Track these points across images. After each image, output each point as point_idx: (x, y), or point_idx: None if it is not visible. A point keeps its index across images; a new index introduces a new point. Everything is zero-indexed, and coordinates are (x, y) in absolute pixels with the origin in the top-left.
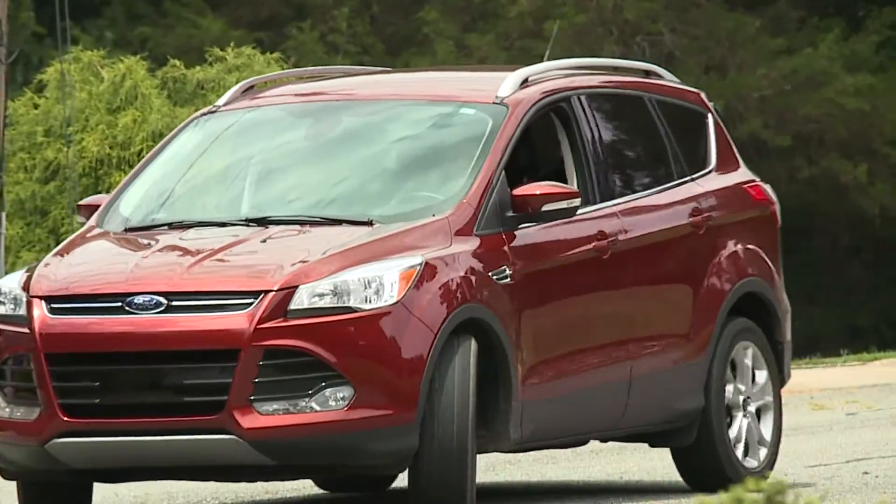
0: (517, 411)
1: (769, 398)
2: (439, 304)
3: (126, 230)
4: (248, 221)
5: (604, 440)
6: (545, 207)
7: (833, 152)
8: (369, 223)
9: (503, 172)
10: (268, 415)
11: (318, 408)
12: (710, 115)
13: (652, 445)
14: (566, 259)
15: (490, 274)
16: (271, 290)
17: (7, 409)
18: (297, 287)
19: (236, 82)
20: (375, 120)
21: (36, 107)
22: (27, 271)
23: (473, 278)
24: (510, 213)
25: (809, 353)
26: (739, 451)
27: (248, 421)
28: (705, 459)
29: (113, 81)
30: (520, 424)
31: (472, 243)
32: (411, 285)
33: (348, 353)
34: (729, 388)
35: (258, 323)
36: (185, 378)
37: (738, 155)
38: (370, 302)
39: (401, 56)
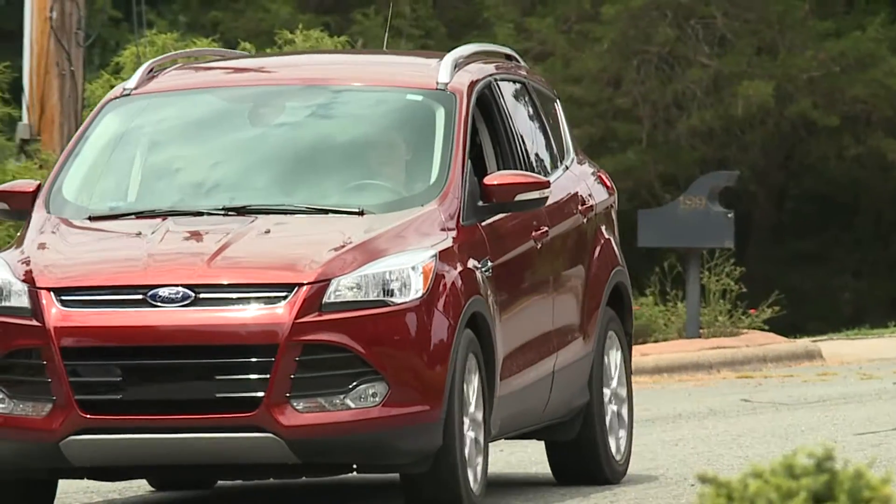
0: (495, 407)
1: (624, 390)
2: (454, 298)
3: (91, 218)
4: (227, 211)
5: (524, 436)
6: (518, 197)
7: (879, 131)
8: (360, 213)
9: (469, 161)
10: (304, 412)
11: (353, 405)
12: (557, 102)
13: (538, 439)
14: (519, 251)
15: (479, 266)
16: (305, 283)
17: (5, 405)
18: (330, 280)
19: None
20: (322, 105)
21: (112, 88)
22: (10, 260)
23: (471, 271)
24: (481, 203)
25: (857, 325)
26: (613, 446)
27: (286, 419)
28: (584, 455)
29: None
30: (495, 421)
31: (462, 234)
32: (431, 279)
33: (384, 348)
34: (605, 381)
35: (296, 317)
36: (217, 374)
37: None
38: (399, 295)
39: (462, 40)
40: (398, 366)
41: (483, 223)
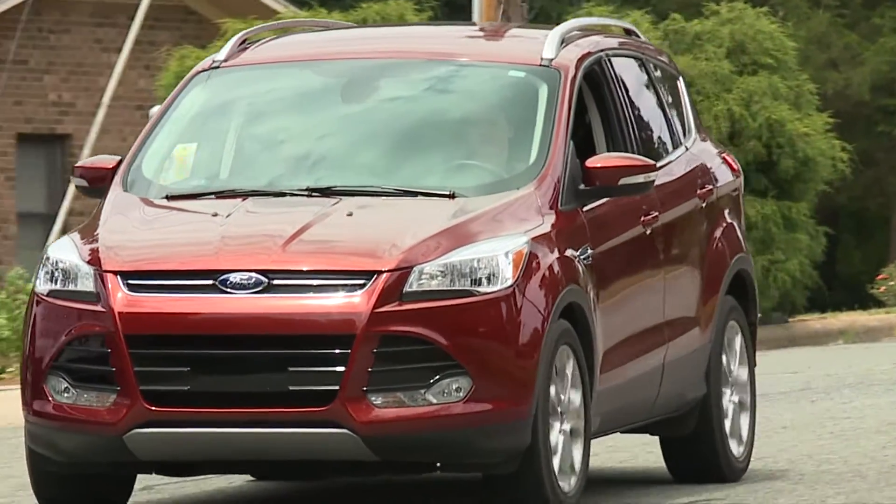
0: (595, 402)
1: (747, 384)
2: (547, 288)
3: (168, 198)
4: (311, 192)
5: (633, 431)
6: (622, 181)
7: None
8: (451, 196)
9: (572, 143)
10: (383, 407)
11: (434, 400)
12: (681, 79)
13: (652, 434)
14: (626, 237)
15: (577, 253)
16: (384, 271)
17: (69, 395)
18: (412, 267)
19: (729, 36)
20: (418, 81)
21: None
22: (80, 241)
23: (568, 259)
24: (583, 187)
25: None
26: (733, 442)
27: (362, 414)
28: (702, 451)
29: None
30: (595, 416)
31: (560, 220)
32: (522, 267)
33: (467, 340)
34: (723, 372)
35: (374, 306)
36: (290, 365)
37: (700, 122)
38: (486, 285)
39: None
40: (483, 359)
41: (585, 208)
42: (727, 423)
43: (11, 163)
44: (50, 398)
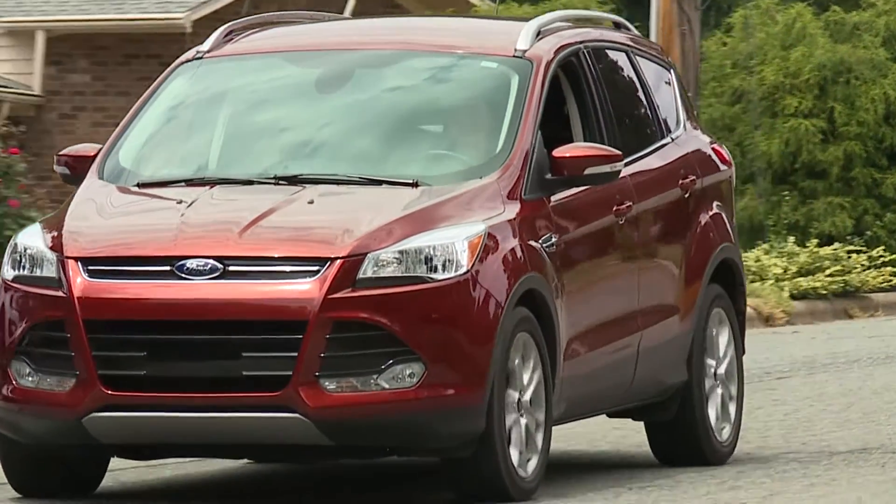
0: (558, 388)
1: (734, 370)
2: (504, 275)
3: (140, 185)
4: (278, 180)
5: (616, 415)
6: (588, 171)
7: None
8: (414, 184)
9: (539, 133)
10: (335, 392)
11: (387, 386)
12: (672, 71)
13: (635, 419)
14: (595, 226)
15: (540, 242)
16: (338, 258)
17: (32, 379)
18: (365, 254)
19: (885, 26)
20: (391, 71)
21: (724, 44)
22: (47, 228)
23: (529, 247)
24: (549, 177)
25: None
26: (713, 425)
27: (314, 399)
28: (683, 434)
29: (786, 24)
30: (559, 402)
31: (522, 209)
32: (478, 254)
33: (420, 326)
34: (706, 359)
35: (327, 293)
36: (244, 351)
37: (693, 114)
38: (440, 271)
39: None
40: (436, 345)
41: (552, 197)
42: (712, 409)
43: None
44: (14, 382)
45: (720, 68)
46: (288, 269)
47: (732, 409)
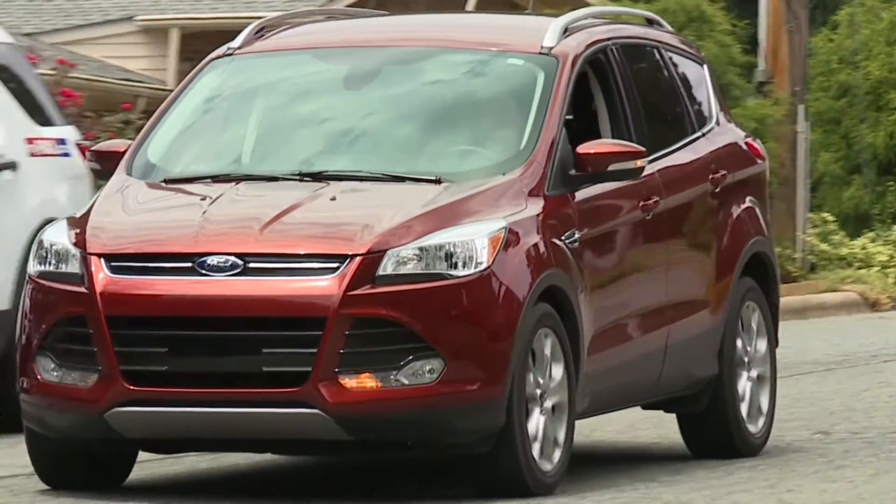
0: (581, 383)
1: (767, 362)
2: (525, 271)
3: (166, 181)
4: (303, 176)
5: (648, 407)
6: (611, 167)
7: None
8: (437, 181)
9: (564, 129)
10: (354, 388)
11: (406, 382)
12: (705, 67)
13: (666, 411)
14: (621, 222)
15: (562, 238)
16: (358, 255)
17: (56, 374)
18: (385, 251)
19: None
20: (418, 68)
21: (831, 41)
22: (72, 225)
23: (550, 243)
24: (573, 173)
25: None
26: (744, 418)
27: (333, 395)
28: (715, 428)
29: (890, 20)
30: (582, 396)
31: (546, 205)
32: (499, 250)
33: (440, 323)
34: (737, 352)
35: (346, 289)
36: (264, 347)
37: (727, 109)
38: (459, 268)
39: None
40: (455, 341)
41: (576, 193)
42: (744, 401)
43: None
44: (39, 377)
45: (826, 64)
46: (308, 265)
47: (765, 400)
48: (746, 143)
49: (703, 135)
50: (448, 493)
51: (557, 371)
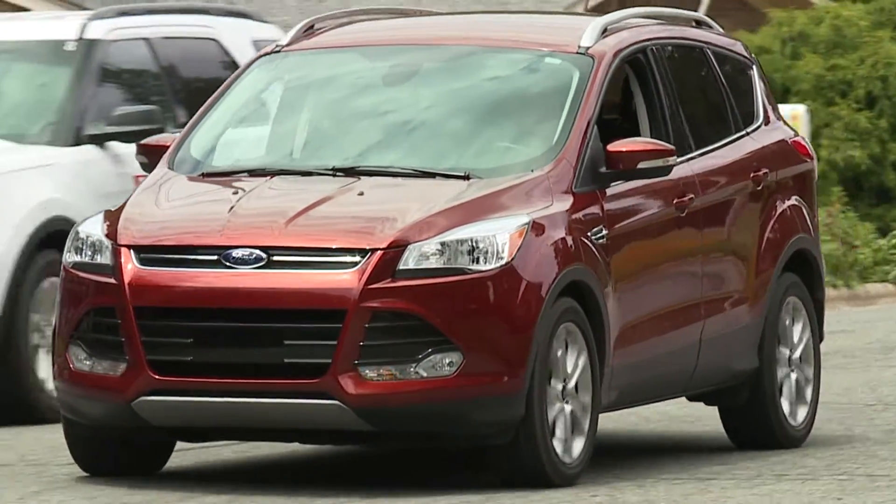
0: (608, 377)
1: (810, 356)
2: (547, 266)
3: (203, 175)
4: (336, 171)
5: (692, 399)
6: (641, 165)
7: None
8: (466, 177)
9: (595, 127)
10: (373, 381)
11: (425, 374)
12: (754, 67)
13: (707, 404)
14: (652, 218)
15: (589, 234)
16: (379, 249)
17: (88, 362)
18: (406, 246)
19: None
20: (456, 66)
21: None
22: (107, 217)
23: (575, 239)
24: (603, 170)
25: None
26: (787, 411)
27: (352, 386)
28: (755, 419)
29: None
30: (608, 390)
31: (571, 202)
32: (521, 246)
33: (458, 316)
34: (778, 346)
35: (366, 283)
36: (285, 338)
37: (776, 108)
38: (480, 263)
39: None
40: (474, 335)
41: (606, 190)
42: (785, 393)
43: None
44: (71, 365)
45: None
46: (330, 259)
47: (809, 393)
48: (794, 143)
49: (748, 133)
50: (470, 482)
51: (581, 365)
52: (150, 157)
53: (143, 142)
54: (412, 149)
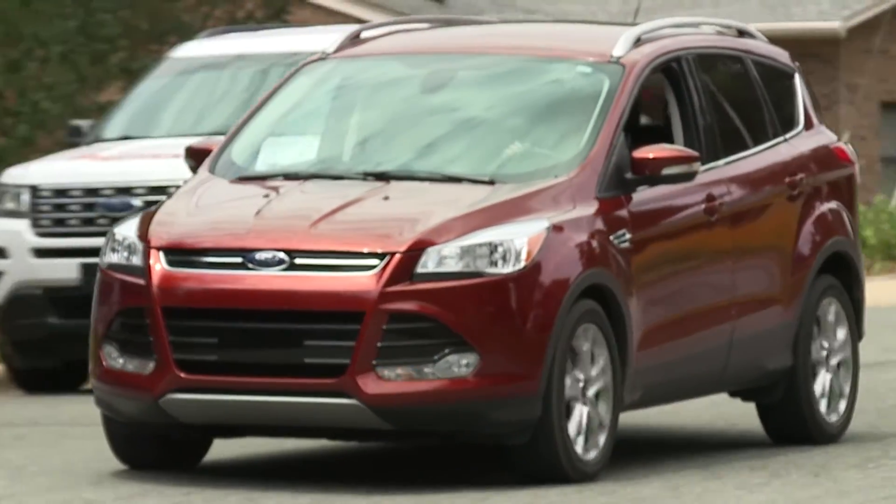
0: (631, 377)
1: (848, 354)
2: (566, 269)
3: (240, 179)
4: (366, 176)
5: (734, 395)
6: (665, 171)
7: None
8: (491, 182)
9: (623, 134)
10: (390, 380)
11: (441, 375)
12: (797, 75)
13: (743, 400)
14: (679, 223)
15: (611, 238)
16: (398, 252)
17: (119, 361)
18: (424, 249)
19: None
20: (489, 75)
21: None
22: (142, 219)
23: (596, 243)
24: (629, 176)
25: None
26: (822, 407)
27: (370, 386)
28: (791, 416)
29: None
30: (632, 389)
31: (594, 206)
32: (538, 250)
33: (475, 319)
34: (814, 345)
35: (384, 285)
36: (306, 339)
37: (820, 115)
38: (498, 266)
39: None
40: (491, 337)
41: (632, 196)
42: (820, 391)
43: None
44: (105, 363)
45: None
46: (350, 262)
47: (847, 389)
48: (835, 149)
49: (786, 139)
50: (492, 478)
51: (601, 366)
52: (198, 160)
53: (190, 145)
54: (442, 154)
